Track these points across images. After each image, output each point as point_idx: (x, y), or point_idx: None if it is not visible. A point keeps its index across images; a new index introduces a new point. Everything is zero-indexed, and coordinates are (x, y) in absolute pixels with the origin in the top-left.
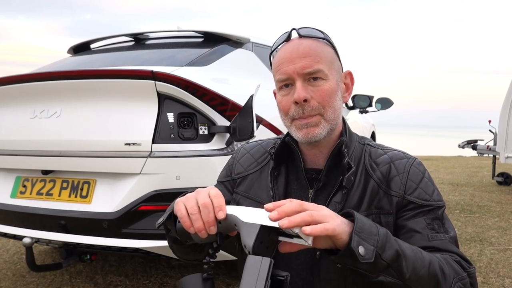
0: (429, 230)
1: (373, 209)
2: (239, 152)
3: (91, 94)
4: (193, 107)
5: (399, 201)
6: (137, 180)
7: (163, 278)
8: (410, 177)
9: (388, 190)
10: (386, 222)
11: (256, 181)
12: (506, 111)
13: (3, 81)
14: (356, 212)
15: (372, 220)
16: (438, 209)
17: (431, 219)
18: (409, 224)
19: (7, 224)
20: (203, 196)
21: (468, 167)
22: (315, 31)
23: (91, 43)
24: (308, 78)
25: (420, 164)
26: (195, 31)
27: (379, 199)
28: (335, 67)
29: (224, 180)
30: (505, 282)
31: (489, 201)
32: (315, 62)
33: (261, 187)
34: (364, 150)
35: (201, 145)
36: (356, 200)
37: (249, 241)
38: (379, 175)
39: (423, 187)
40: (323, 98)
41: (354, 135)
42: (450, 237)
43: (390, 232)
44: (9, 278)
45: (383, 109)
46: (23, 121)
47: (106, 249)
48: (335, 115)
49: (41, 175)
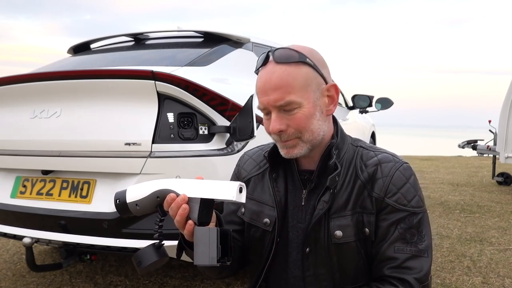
0: (399, 242)
1: (358, 208)
2: (242, 159)
3: (91, 94)
4: (193, 107)
5: (379, 203)
6: (137, 180)
7: (163, 278)
8: (393, 181)
9: (371, 191)
10: (368, 221)
11: (259, 184)
12: (506, 111)
13: (3, 81)
14: None
15: (356, 219)
16: (414, 215)
17: (405, 229)
18: (383, 229)
19: (7, 224)
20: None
21: (468, 167)
22: (290, 54)
23: (91, 43)
24: (282, 109)
25: (407, 169)
26: (195, 31)
27: (364, 199)
28: (312, 88)
29: None
30: (505, 282)
31: (489, 201)
32: (287, 94)
33: (263, 189)
34: (356, 152)
35: (201, 145)
36: (344, 199)
37: (193, 214)
38: (366, 176)
39: (404, 192)
40: (298, 125)
41: (347, 137)
42: (419, 250)
43: (371, 231)
44: (9, 278)
45: (383, 109)
46: (23, 121)
47: (106, 249)
48: (313, 136)
49: (41, 175)
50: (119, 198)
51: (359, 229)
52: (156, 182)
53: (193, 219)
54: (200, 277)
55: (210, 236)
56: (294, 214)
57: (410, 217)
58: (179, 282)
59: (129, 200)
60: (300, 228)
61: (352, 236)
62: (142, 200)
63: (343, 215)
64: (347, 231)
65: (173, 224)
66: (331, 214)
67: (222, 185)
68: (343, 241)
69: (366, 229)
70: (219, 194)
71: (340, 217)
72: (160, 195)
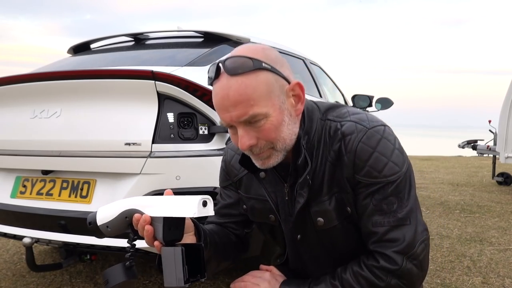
0: (376, 215)
1: (334, 189)
2: (227, 153)
3: (91, 94)
4: (193, 107)
5: (351, 181)
6: (137, 180)
7: (163, 278)
8: (357, 156)
9: (341, 171)
10: (347, 199)
11: (253, 180)
12: (506, 111)
13: (3, 81)
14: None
15: (335, 201)
16: (388, 185)
17: (380, 200)
18: (360, 204)
19: (7, 224)
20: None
21: (468, 167)
22: (243, 62)
23: (91, 43)
24: (248, 122)
25: (371, 137)
26: (195, 31)
27: (338, 179)
28: (275, 94)
29: (227, 185)
30: (505, 282)
31: (489, 201)
32: (249, 108)
33: (258, 185)
34: (323, 128)
35: (201, 145)
36: (318, 185)
37: (158, 234)
38: (333, 156)
39: (372, 164)
40: (268, 137)
41: (315, 113)
42: (398, 219)
43: (353, 209)
44: (9, 278)
45: (383, 109)
46: (23, 121)
47: (106, 249)
48: (286, 142)
49: (41, 175)
50: (91, 221)
51: (340, 211)
52: (124, 202)
53: (159, 239)
54: None
55: (176, 257)
56: (282, 209)
57: (384, 187)
58: None
59: (99, 223)
60: (290, 221)
61: (335, 219)
62: (112, 221)
63: (321, 201)
64: (328, 217)
65: None
66: (309, 203)
67: (184, 201)
68: (327, 226)
69: (348, 208)
70: (180, 212)
71: (318, 204)
72: (128, 215)
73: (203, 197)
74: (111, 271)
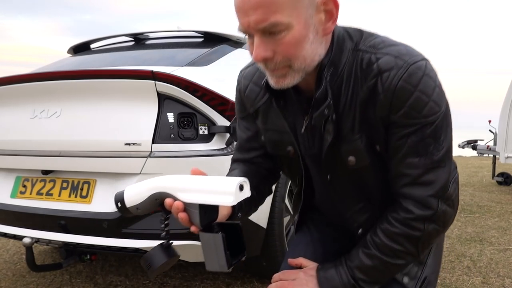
0: (411, 156)
1: (365, 127)
2: (241, 83)
3: (91, 94)
4: (193, 107)
5: (385, 120)
6: (137, 180)
7: (163, 278)
8: (396, 95)
9: (375, 109)
10: (377, 138)
11: (270, 111)
12: (506, 111)
13: (3, 81)
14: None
15: (365, 139)
16: (427, 126)
17: (416, 142)
18: (393, 144)
19: (7, 224)
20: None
21: (468, 167)
22: None
23: (91, 43)
24: (267, 32)
25: (413, 74)
26: (195, 31)
27: (369, 117)
28: (303, 4)
29: (245, 115)
30: (505, 282)
31: (489, 201)
32: (271, 14)
33: (276, 115)
34: (355, 60)
35: (201, 145)
36: (350, 122)
37: (194, 219)
38: (366, 92)
39: (412, 104)
40: (287, 52)
41: (346, 43)
42: (433, 161)
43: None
44: (9, 278)
45: None
46: (23, 121)
47: (106, 249)
48: (306, 62)
49: (41, 175)
50: (119, 202)
51: (371, 149)
52: (153, 183)
53: (195, 224)
54: (200, 277)
55: (216, 244)
56: (303, 142)
57: (422, 128)
58: (179, 282)
59: (128, 205)
60: (313, 155)
61: (366, 158)
62: (142, 203)
63: (352, 139)
64: (359, 155)
65: (175, 224)
66: (339, 141)
67: (220, 186)
68: (358, 166)
69: (377, 146)
70: (217, 200)
71: (349, 142)
72: (158, 198)
73: (239, 181)
74: (150, 255)
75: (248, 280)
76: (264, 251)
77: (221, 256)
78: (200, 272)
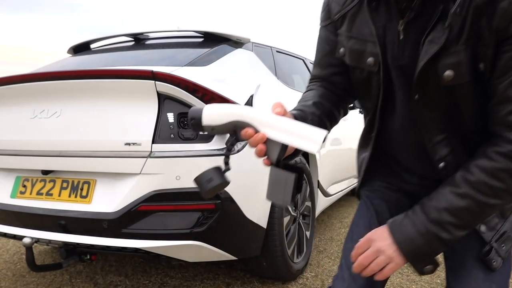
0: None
1: (473, 39)
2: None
3: (91, 94)
4: None
5: (501, 32)
6: (137, 180)
7: (163, 278)
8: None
9: (491, 18)
10: (483, 54)
11: (357, 17)
12: None
13: (3, 81)
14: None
15: (470, 53)
16: None
17: None
18: (505, 61)
19: (7, 224)
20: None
21: None
22: None
23: (91, 43)
24: None
25: None
26: (195, 31)
27: (480, 27)
28: None
29: (327, 24)
30: None
31: None
32: None
33: (363, 23)
34: None
35: (201, 145)
36: (456, 30)
37: (270, 155)
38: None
39: None
40: None
41: None
42: None
43: (487, 65)
44: (9, 278)
45: None
46: (23, 121)
47: (106, 249)
48: None
49: (41, 175)
50: (194, 118)
51: (473, 65)
52: (237, 110)
53: (270, 159)
54: (200, 277)
55: (287, 182)
56: (391, 52)
57: None
58: (179, 282)
59: (204, 123)
60: (400, 68)
61: (466, 74)
62: (219, 126)
63: (456, 51)
64: (459, 70)
65: (175, 224)
66: (440, 53)
67: (307, 132)
68: (455, 82)
69: (481, 64)
70: (303, 144)
71: (451, 54)
72: (237, 126)
73: (325, 132)
74: (208, 173)
75: (248, 280)
76: (264, 251)
77: (288, 194)
78: (200, 272)
